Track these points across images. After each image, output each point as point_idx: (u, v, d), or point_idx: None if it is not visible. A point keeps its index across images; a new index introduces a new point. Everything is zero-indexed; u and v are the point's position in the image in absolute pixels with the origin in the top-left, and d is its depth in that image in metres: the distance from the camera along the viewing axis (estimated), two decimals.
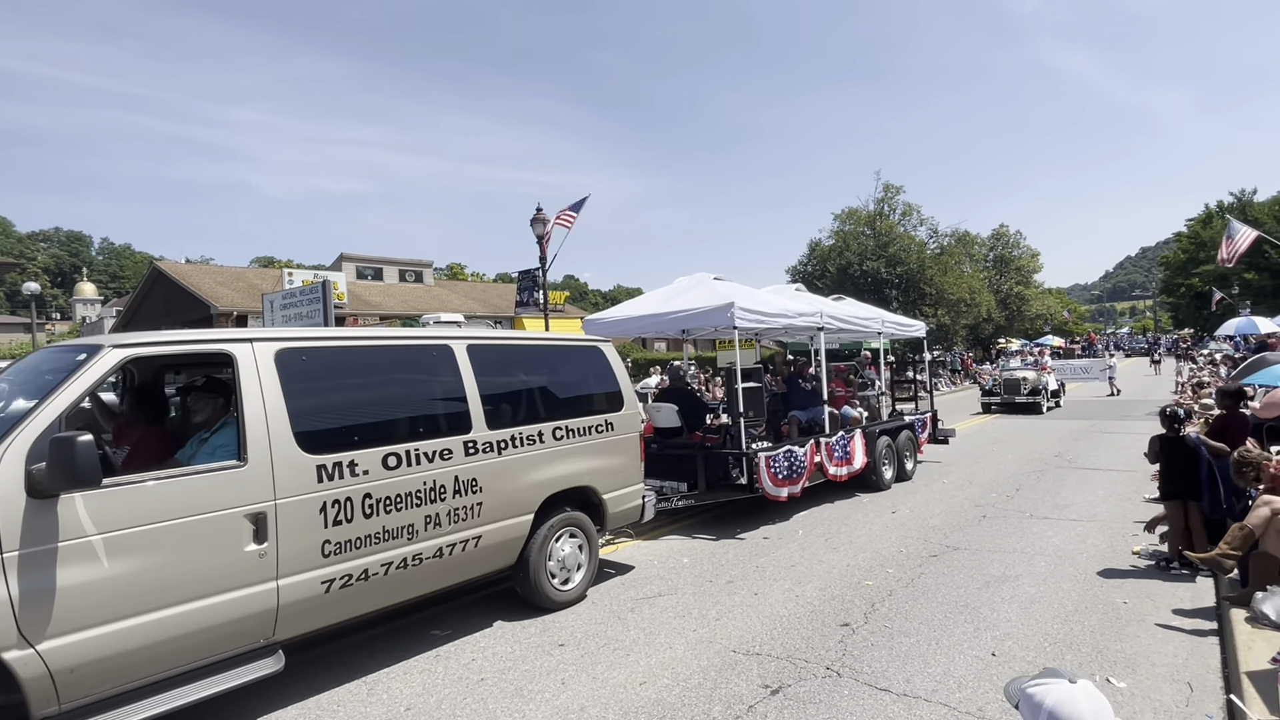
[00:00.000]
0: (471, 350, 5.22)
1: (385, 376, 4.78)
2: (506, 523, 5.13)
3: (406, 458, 4.53)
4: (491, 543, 5.02)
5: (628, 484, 6.31)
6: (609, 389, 6.34)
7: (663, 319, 8.75)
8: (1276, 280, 44.47)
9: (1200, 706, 3.72)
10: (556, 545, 5.57)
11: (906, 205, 40.93)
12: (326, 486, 4.09)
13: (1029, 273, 52.60)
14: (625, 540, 7.48)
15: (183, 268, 35.17)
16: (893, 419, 11.04)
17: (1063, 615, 5.04)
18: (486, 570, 5.14)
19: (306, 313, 14.25)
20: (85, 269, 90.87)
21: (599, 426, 6.03)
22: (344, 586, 4.14)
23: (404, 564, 4.47)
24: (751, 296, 8.71)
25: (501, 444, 5.15)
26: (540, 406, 5.66)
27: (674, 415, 8.77)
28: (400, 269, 37.90)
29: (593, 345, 6.50)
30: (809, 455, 8.37)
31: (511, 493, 5.16)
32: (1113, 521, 7.62)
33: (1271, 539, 4.86)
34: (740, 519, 8.21)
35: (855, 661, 4.42)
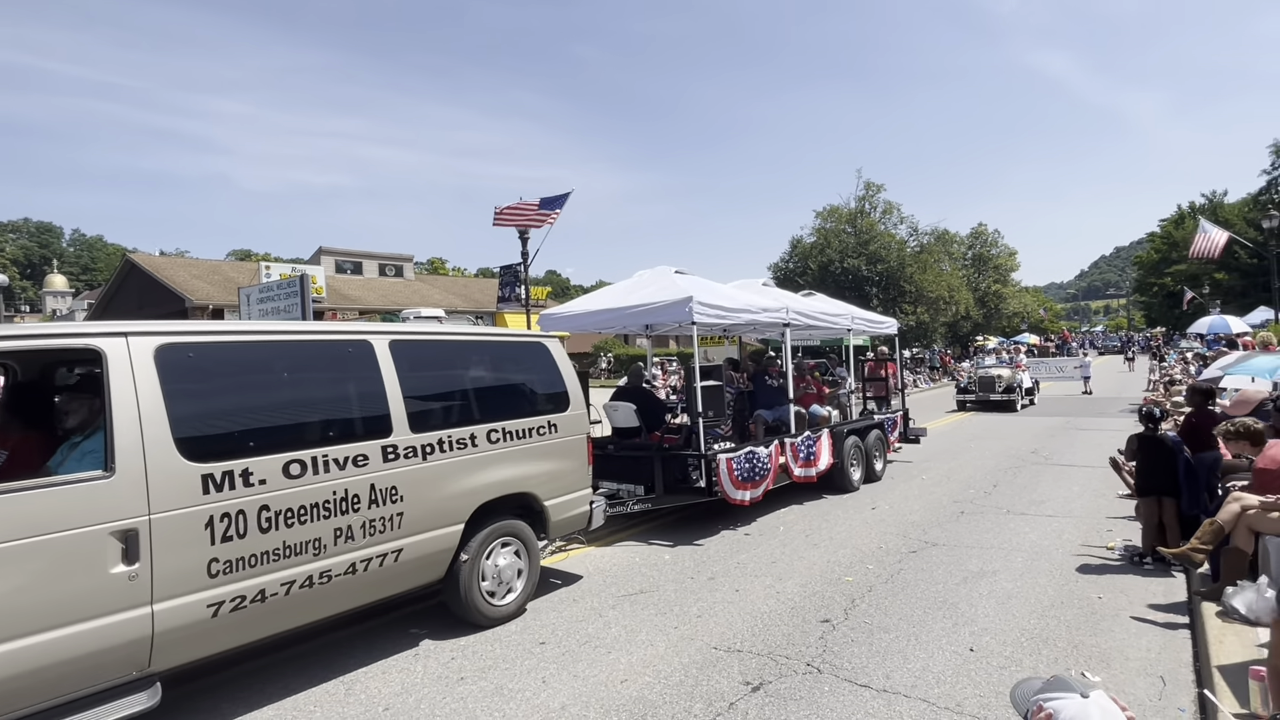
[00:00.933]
0: (395, 347, 4.80)
1: (290, 376, 4.37)
2: (432, 534, 4.72)
3: (313, 465, 4.11)
4: (415, 556, 4.62)
5: (573, 489, 5.92)
6: (554, 388, 5.96)
7: (621, 314, 8.42)
8: (1246, 280, 45.40)
9: (1173, 700, 3.78)
10: (491, 557, 5.17)
11: (887, 203, 41.25)
12: (214, 499, 3.68)
13: (1006, 271, 53.29)
14: (577, 547, 7.19)
15: (157, 260, 34.56)
16: (862, 418, 10.88)
17: (1039, 610, 5.11)
18: (410, 586, 4.76)
19: (284, 307, 14.07)
20: (55, 261, 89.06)
21: (541, 428, 5.64)
22: (236, 609, 3.73)
23: (309, 582, 4.04)
24: (712, 291, 8.43)
25: (427, 448, 4.75)
26: (474, 407, 5.26)
27: (631, 415, 8.47)
28: (380, 263, 37.55)
29: (536, 341, 6.11)
30: (773, 457, 8.12)
31: (438, 501, 4.77)
32: (1087, 517, 7.73)
33: (1241, 534, 4.96)
34: (700, 523, 7.96)
35: (835, 658, 4.44)
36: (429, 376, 5.08)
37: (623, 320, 8.55)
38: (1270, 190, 48.55)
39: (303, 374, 4.45)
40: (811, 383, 10.36)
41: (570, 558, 6.85)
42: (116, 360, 3.52)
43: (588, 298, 9.79)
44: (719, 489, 7.38)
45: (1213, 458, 6.32)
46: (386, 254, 38.30)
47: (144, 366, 3.59)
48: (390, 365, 4.69)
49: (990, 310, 50.35)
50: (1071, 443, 13.28)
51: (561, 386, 6.00)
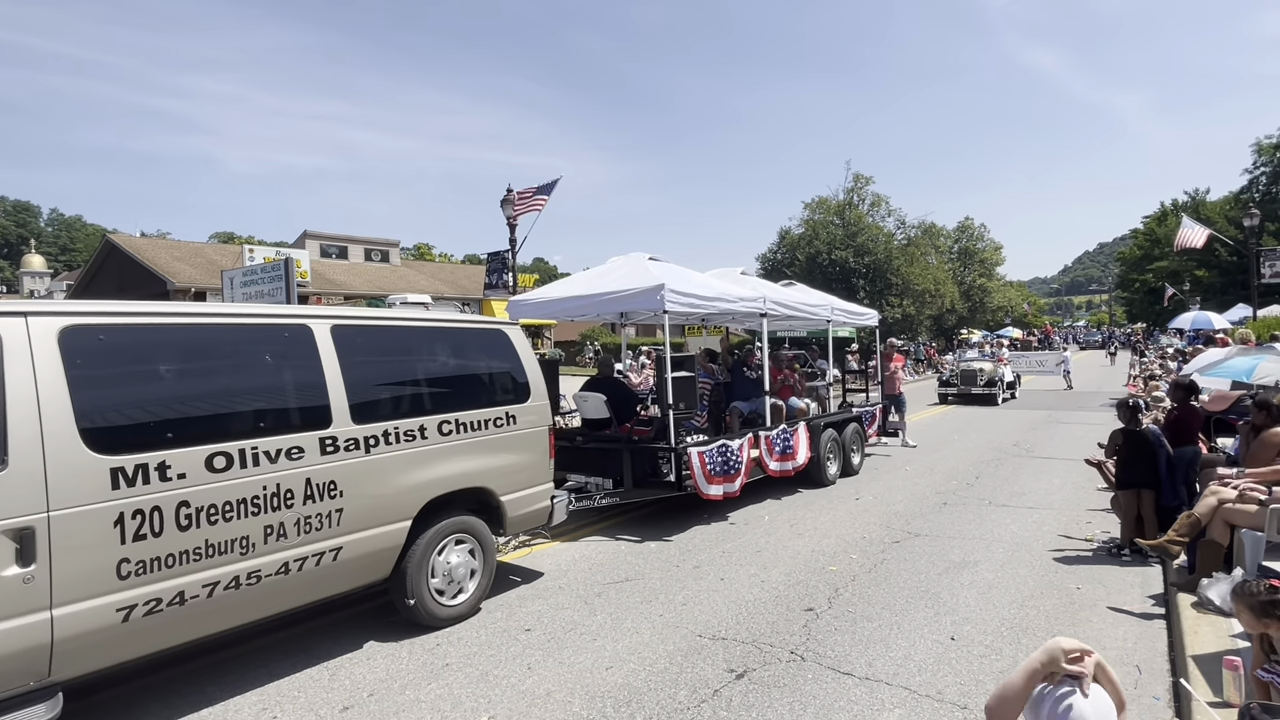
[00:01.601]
0: (338, 332, 4.51)
1: (217, 362, 4.09)
2: (376, 531, 4.46)
3: (240, 458, 3.84)
4: (356, 555, 4.35)
5: (533, 484, 5.66)
6: (513, 378, 5.68)
7: (592, 300, 8.12)
8: (1225, 277, 45.98)
9: (1148, 688, 3.86)
10: (442, 555, 4.92)
11: (876, 196, 41.39)
12: (125, 494, 3.40)
13: (992, 265, 53.71)
14: (542, 542, 6.95)
15: (138, 241, 34.02)
16: (840, 411, 10.69)
17: (1019, 600, 5.18)
18: (352, 586, 4.50)
19: (268, 290, 13.90)
20: (33, 240, 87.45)
21: (498, 420, 5.38)
22: (151, 613, 3.47)
23: (235, 583, 3.78)
24: (686, 279, 8.18)
25: (370, 440, 4.47)
26: (425, 398, 5.00)
27: (601, 406, 8.22)
28: (366, 248, 37.18)
29: (495, 329, 5.79)
30: (745, 450, 7.89)
31: (383, 497, 4.51)
32: (1068, 509, 7.84)
33: (1217, 527, 5.05)
34: (671, 518, 7.74)
35: (819, 646, 4.48)
36: (376, 364, 4.84)
37: (594, 307, 8.26)
38: (1251, 189, 49.15)
39: (231, 361, 4.17)
40: (789, 375, 10.18)
41: (534, 553, 6.67)
42: (13, 343, 3.25)
43: (559, 284, 9.35)
44: (690, 483, 7.17)
45: (1192, 452, 6.43)
46: (372, 239, 37.92)
47: (45, 350, 3.32)
48: (331, 352, 4.41)
49: (975, 304, 50.76)
50: (1052, 436, 13.44)
51: (522, 376, 5.73)
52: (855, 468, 10.14)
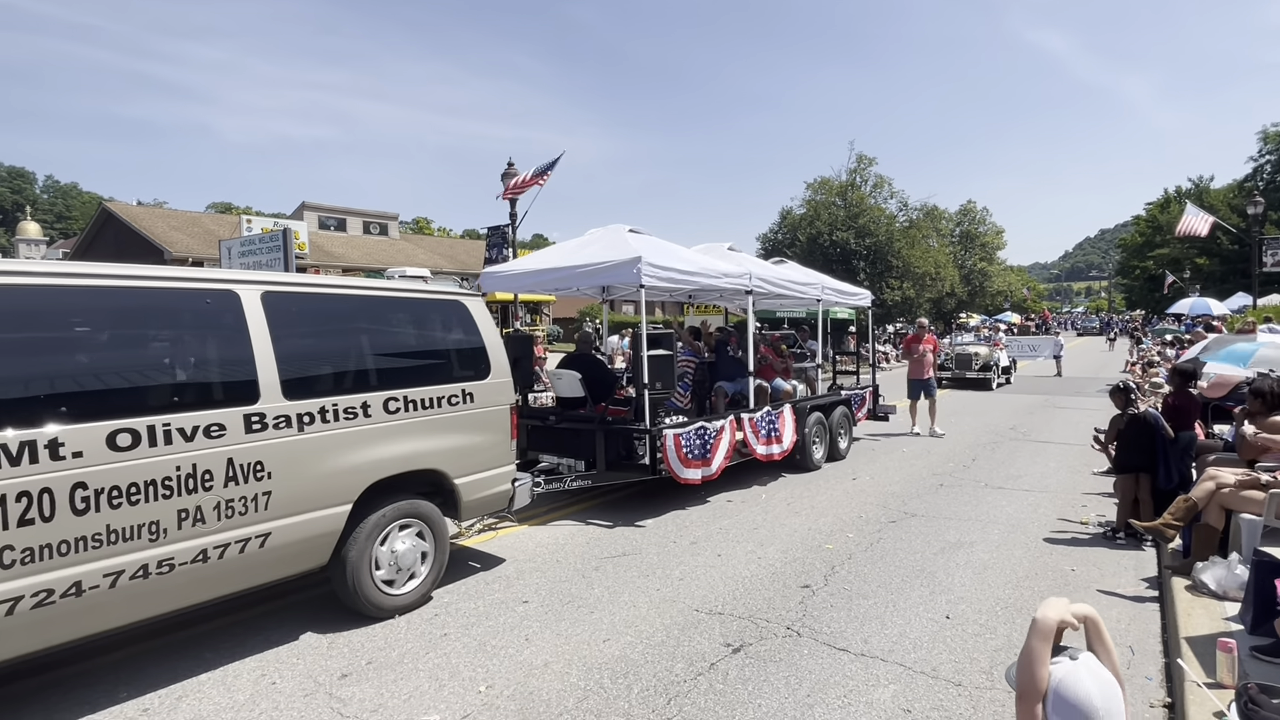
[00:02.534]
0: (270, 300, 4.15)
1: (125, 330, 3.75)
2: (310, 516, 4.15)
3: (149, 436, 3.51)
4: (286, 541, 4.05)
5: (491, 466, 5.33)
6: (472, 353, 5.33)
7: (566, 273, 7.75)
8: (1226, 266, 45.92)
9: (1140, 669, 3.89)
10: (388, 542, 4.64)
11: (878, 177, 41.03)
12: (8, 474, 3.10)
13: (993, 249, 53.48)
14: (509, 526, 6.68)
15: (134, 210, 33.75)
16: (828, 394, 10.38)
17: (1014, 581, 5.21)
18: (284, 574, 4.20)
19: (266, 261, 13.82)
20: (29, 208, 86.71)
21: (453, 397, 5.04)
22: (40, 605, 3.18)
23: (143, 572, 3.47)
24: (667, 252, 7.84)
25: (305, 418, 4.14)
26: (371, 373, 4.68)
27: (576, 384, 7.89)
28: (365, 220, 36.96)
29: (453, 300, 5.41)
30: (728, 432, 7.65)
31: (318, 479, 4.19)
32: (1063, 492, 7.87)
33: (1213, 511, 5.07)
34: (653, 501, 7.45)
35: (815, 622, 4.51)
36: (314, 336, 4.52)
37: (570, 280, 7.93)
38: (1256, 177, 48.88)
39: (142, 328, 3.80)
40: (772, 354, 9.84)
41: (500, 537, 6.41)
42: None
43: (534, 256, 9.00)
44: (664, 467, 6.88)
45: (1189, 437, 6.44)
46: (371, 212, 37.67)
47: None
48: (262, 321, 4.06)
49: (975, 288, 50.65)
50: (1049, 420, 13.48)
51: (482, 351, 5.37)
52: (842, 452, 9.88)
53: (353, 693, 3.71)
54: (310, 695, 3.69)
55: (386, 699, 3.64)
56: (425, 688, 3.75)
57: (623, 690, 3.70)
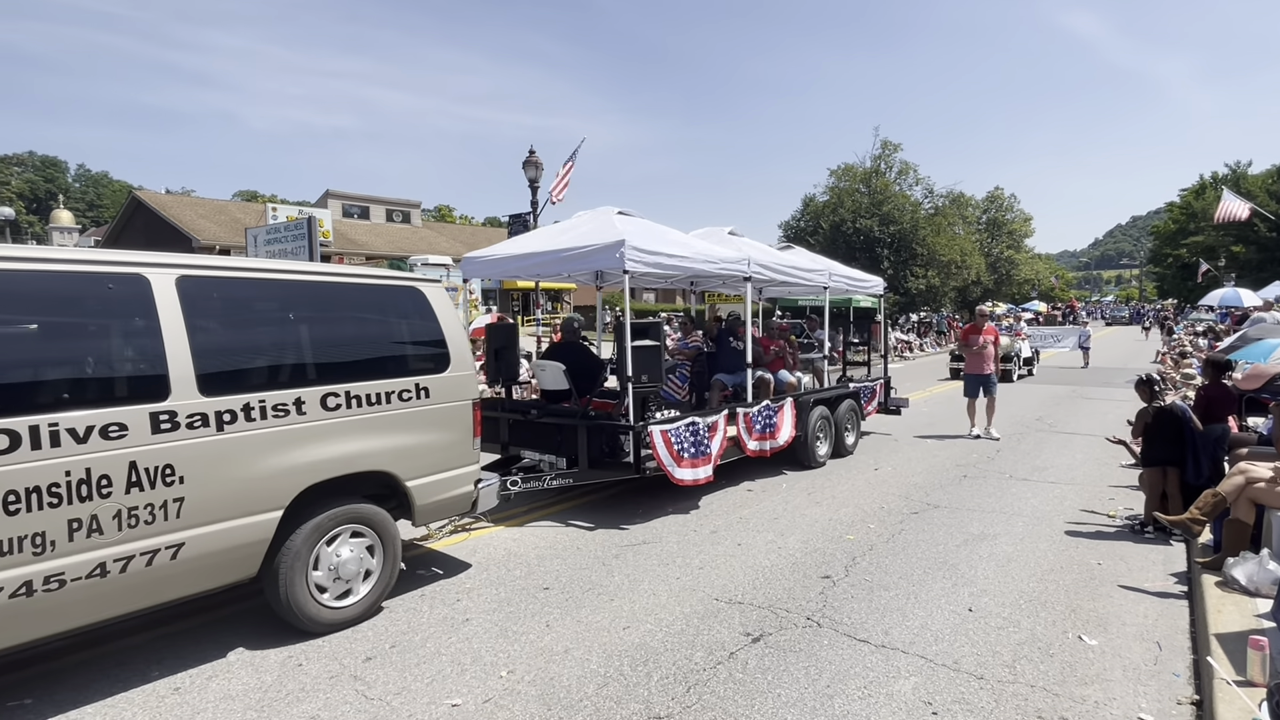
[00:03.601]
0: (187, 286, 3.77)
1: (9, 319, 3.38)
2: (232, 524, 3.79)
3: (31, 437, 3.16)
4: (203, 552, 3.69)
5: (450, 466, 4.91)
6: (429, 344, 4.93)
7: (549, 258, 7.30)
8: (1264, 254, 44.74)
9: (1168, 665, 3.83)
10: (328, 549, 4.26)
11: (903, 164, 40.55)
12: None
13: (1020, 237, 52.58)
14: (484, 527, 6.30)
15: (163, 198, 34.31)
16: (836, 386, 9.90)
17: (1038, 574, 5.15)
18: (203, 588, 3.81)
19: (291, 249, 14.00)
20: (61, 196, 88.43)
21: (405, 392, 4.64)
22: None
23: (26, 590, 3.15)
24: (655, 236, 7.37)
25: (224, 416, 3.76)
26: (308, 366, 4.25)
27: (560, 376, 7.48)
28: (388, 209, 37.25)
29: (408, 286, 4.98)
30: (722, 428, 7.22)
31: (242, 483, 3.82)
32: (1090, 485, 7.75)
33: (1243, 507, 4.96)
34: (639, 502, 7.03)
35: (835, 613, 4.50)
36: (239, 326, 4.17)
37: (553, 265, 7.48)
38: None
39: (31, 316, 3.43)
40: (780, 345, 9.36)
41: (472, 539, 6.02)
42: None
43: (517, 239, 8.53)
44: (650, 465, 6.47)
45: (1221, 430, 6.31)
46: (394, 199, 37.96)
47: None
48: (175, 309, 3.69)
49: (1002, 276, 49.85)
50: (1076, 411, 13.27)
51: (441, 342, 4.97)
52: (849, 448, 9.43)
53: (377, 675, 3.78)
54: (336, 678, 3.76)
55: (410, 682, 3.70)
56: (448, 672, 3.81)
57: (643, 678, 3.73)
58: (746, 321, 8.26)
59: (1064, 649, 4.01)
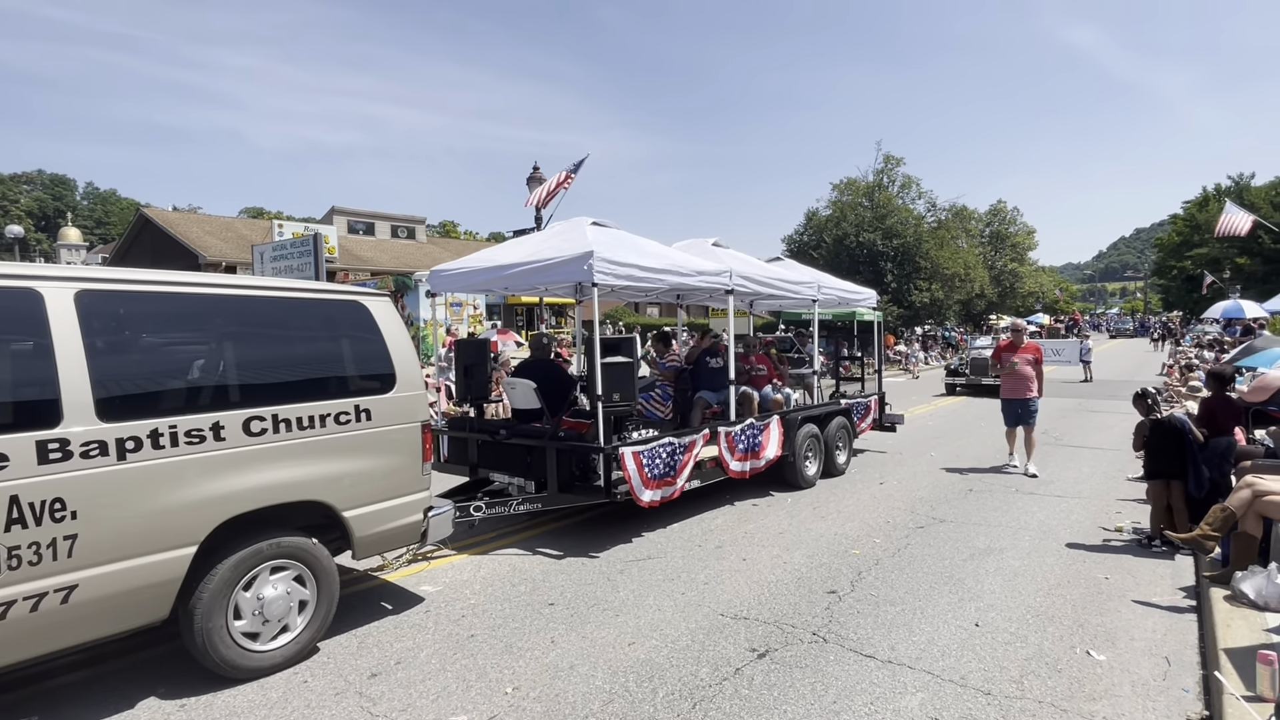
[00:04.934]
0: (87, 300, 3.46)
1: None
2: (136, 563, 3.44)
3: None
4: (100, 595, 3.33)
5: (394, 495, 4.54)
6: (373, 363, 4.59)
7: (517, 270, 6.96)
8: (1269, 265, 44.66)
9: (1177, 680, 3.81)
10: (253, 588, 3.90)
11: (906, 177, 40.76)
12: None
13: (1024, 250, 52.66)
14: (445, 556, 5.97)
15: (170, 215, 34.58)
16: (826, 403, 9.55)
17: (1045, 589, 5.13)
18: (104, 633, 3.45)
19: (297, 265, 14.09)
20: (70, 213, 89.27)
21: (344, 415, 4.29)
22: None
23: None
24: (626, 247, 7.03)
25: (127, 444, 3.42)
26: (231, 388, 3.95)
27: (531, 394, 7.14)
28: (393, 225, 37.46)
29: (350, 300, 4.64)
30: (699, 447, 6.94)
31: (147, 517, 3.47)
32: (1096, 499, 7.72)
33: (1251, 520, 4.94)
34: (610, 526, 6.74)
35: (841, 628, 4.48)
36: (152, 344, 3.86)
37: (522, 278, 7.16)
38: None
39: None
40: (763, 361, 9.09)
41: (434, 568, 5.68)
42: None
43: (486, 252, 8.31)
44: (621, 490, 6.16)
45: (1226, 443, 6.28)
46: (399, 215, 38.17)
47: None
48: (73, 327, 3.36)
49: (1006, 289, 49.87)
50: (1082, 424, 13.22)
51: (386, 361, 4.62)
52: (840, 467, 9.06)
53: (382, 691, 3.77)
54: (341, 694, 3.76)
55: (415, 699, 3.70)
56: (453, 688, 3.80)
57: (648, 694, 3.71)
58: (730, 336, 8.03)
59: (1072, 664, 3.98)
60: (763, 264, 9.64)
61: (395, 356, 4.67)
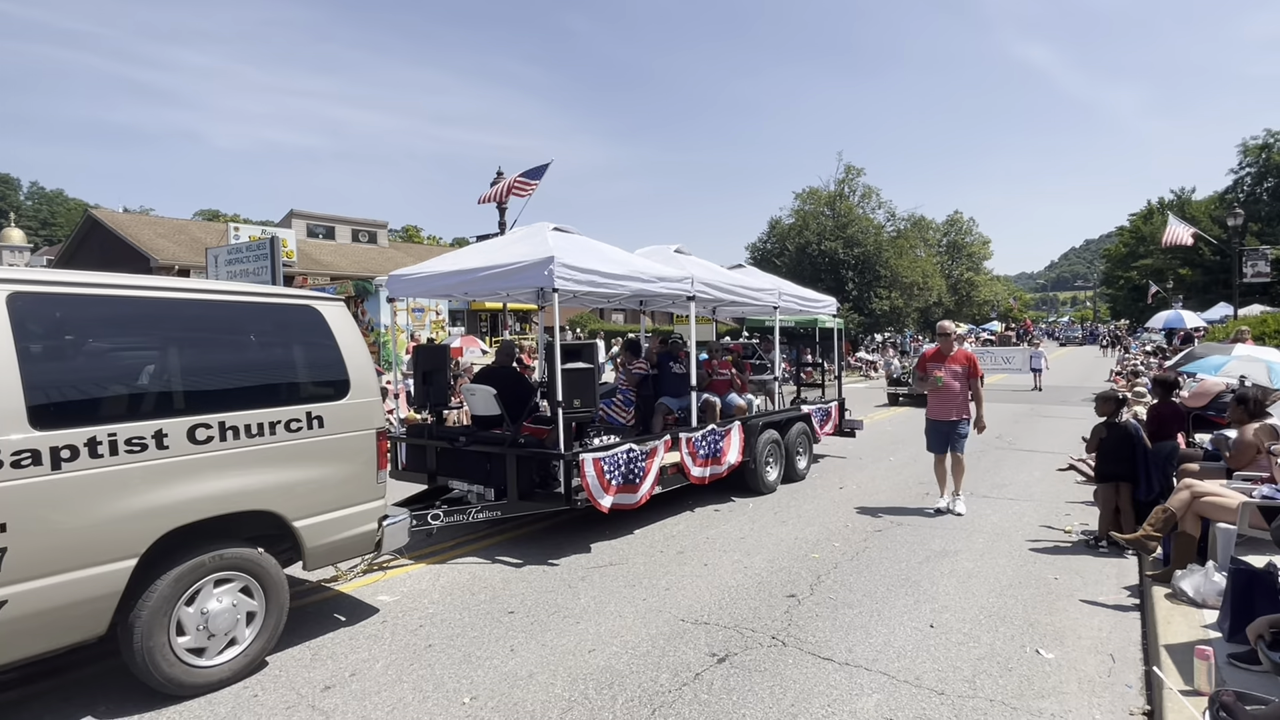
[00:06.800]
0: (20, 303, 3.33)
1: None
2: (70, 577, 3.30)
3: None
4: (31, 611, 3.20)
5: (347, 504, 4.44)
6: (325, 369, 4.49)
7: (477, 276, 6.90)
8: (1209, 276, 46.55)
9: (1120, 677, 3.93)
10: (196, 602, 3.78)
11: (866, 187, 41.53)
12: None
13: (979, 259, 54.11)
14: (403, 565, 5.88)
15: (120, 217, 33.52)
16: (787, 409, 9.67)
17: (998, 589, 5.25)
18: (37, 650, 3.30)
19: (253, 269, 13.77)
20: (13, 214, 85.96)
21: (294, 422, 4.18)
22: None
23: None
24: (587, 253, 7.01)
25: (62, 454, 3.30)
26: (175, 395, 3.82)
27: (491, 401, 7.08)
28: (354, 229, 36.87)
29: (302, 305, 4.54)
30: (660, 454, 6.94)
31: (83, 529, 3.35)
32: (1047, 501, 7.94)
33: (1190, 521, 5.13)
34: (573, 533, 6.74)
35: (800, 631, 4.52)
36: (90, 350, 3.74)
37: (481, 284, 7.11)
38: (1236, 189, 49.70)
39: None
40: (726, 367, 9.14)
41: (391, 578, 5.59)
42: None
43: (446, 256, 8.14)
44: (581, 497, 6.12)
45: (1170, 447, 6.52)
46: (360, 219, 37.59)
47: None
48: (4, 331, 3.24)
49: (962, 297, 51.13)
50: (1034, 429, 13.59)
51: (339, 367, 4.51)
52: (800, 473, 9.15)
53: (335, 704, 3.69)
54: (292, 708, 3.67)
55: (370, 711, 3.62)
56: (409, 699, 3.74)
57: (608, 701, 3.70)
58: (691, 343, 8.02)
59: (1022, 663, 4.08)
60: (724, 271, 9.68)
61: (349, 362, 4.57)
